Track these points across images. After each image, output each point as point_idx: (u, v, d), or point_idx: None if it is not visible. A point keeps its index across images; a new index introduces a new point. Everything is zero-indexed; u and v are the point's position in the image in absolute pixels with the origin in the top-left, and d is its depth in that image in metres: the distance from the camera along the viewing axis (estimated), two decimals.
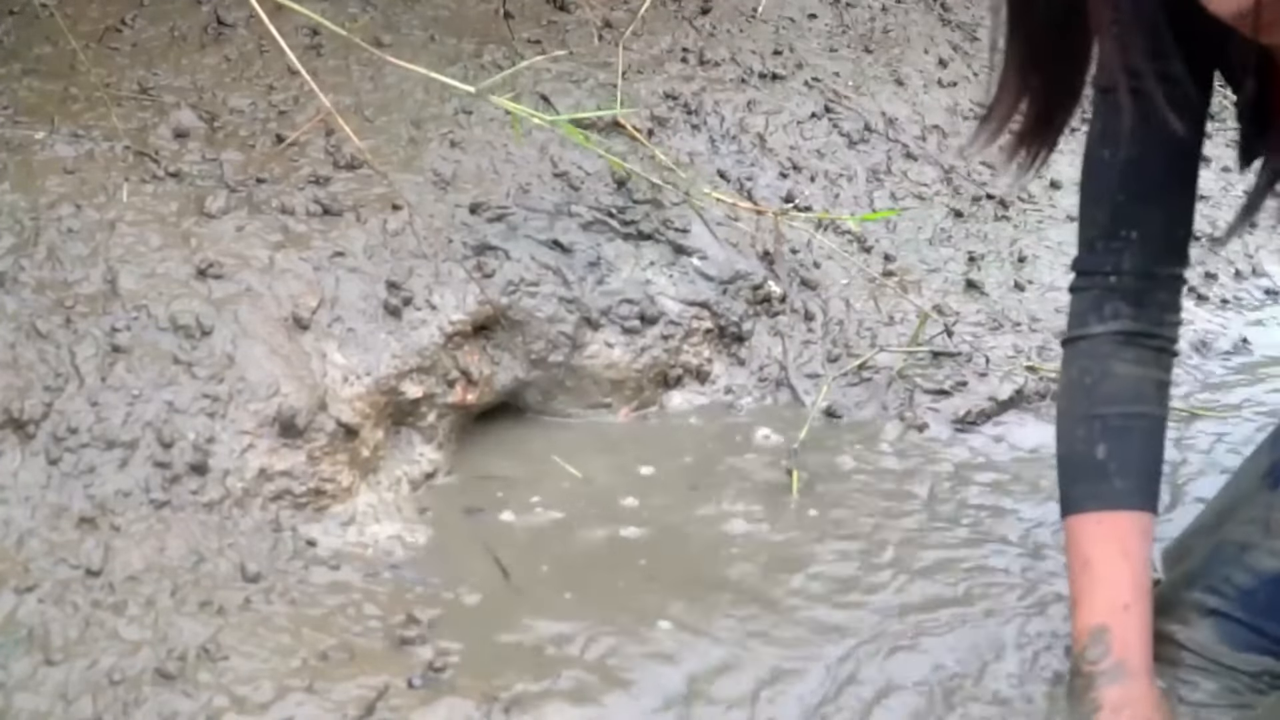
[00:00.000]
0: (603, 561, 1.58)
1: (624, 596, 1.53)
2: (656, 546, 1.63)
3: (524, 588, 1.52)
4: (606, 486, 1.73)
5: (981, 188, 2.48)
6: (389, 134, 1.92)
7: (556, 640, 1.42)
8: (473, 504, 1.65)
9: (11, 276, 1.48)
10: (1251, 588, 1.39)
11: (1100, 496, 1.32)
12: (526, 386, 1.79)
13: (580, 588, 1.53)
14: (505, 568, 1.53)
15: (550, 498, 1.69)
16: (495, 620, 1.44)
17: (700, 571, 1.61)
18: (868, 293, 2.12)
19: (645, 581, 1.56)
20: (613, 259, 1.90)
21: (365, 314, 1.61)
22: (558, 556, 1.58)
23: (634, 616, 1.49)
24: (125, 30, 2.04)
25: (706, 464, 1.79)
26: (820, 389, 1.93)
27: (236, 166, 1.75)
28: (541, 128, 2.05)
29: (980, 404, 1.96)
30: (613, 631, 1.46)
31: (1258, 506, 1.42)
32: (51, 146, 1.69)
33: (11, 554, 1.28)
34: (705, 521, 1.68)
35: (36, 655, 1.20)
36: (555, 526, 1.62)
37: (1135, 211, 1.34)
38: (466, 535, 1.60)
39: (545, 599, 1.50)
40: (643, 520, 1.67)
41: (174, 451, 1.41)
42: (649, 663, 1.41)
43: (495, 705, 1.24)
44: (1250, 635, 1.39)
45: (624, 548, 1.62)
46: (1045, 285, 2.27)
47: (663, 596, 1.54)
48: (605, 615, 1.49)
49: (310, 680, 1.23)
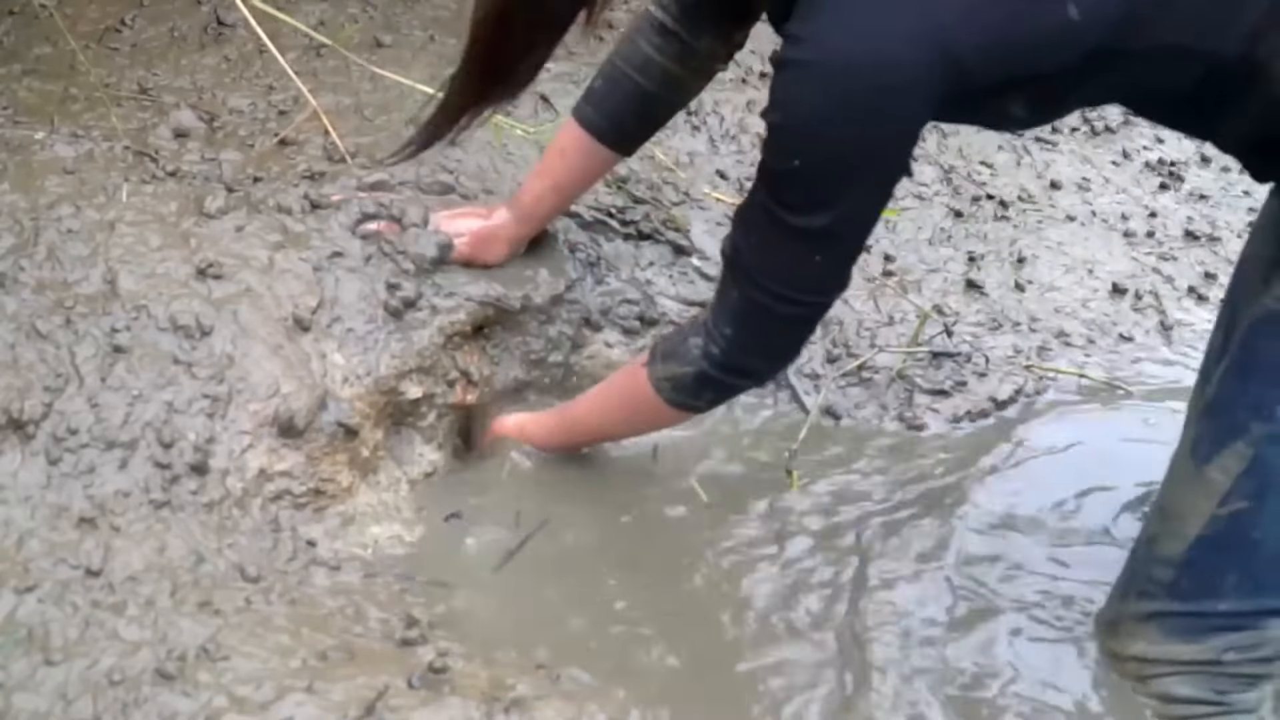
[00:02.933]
0: (602, 561, 1.58)
1: (624, 596, 1.53)
2: (657, 547, 1.63)
3: (524, 587, 1.52)
4: (604, 488, 1.72)
5: (981, 188, 2.48)
6: (389, 133, 1.92)
7: (557, 640, 1.42)
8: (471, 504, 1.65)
9: (11, 277, 1.48)
10: (1172, 578, 1.40)
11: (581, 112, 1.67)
12: (526, 386, 1.79)
13: (580, 587, 1.53)
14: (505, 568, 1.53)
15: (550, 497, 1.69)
16: (495, 620, 1.44)
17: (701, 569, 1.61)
18: (867, 293, 2.11)
19: (646, 581, 1.56)
20: (612, 259, 1.90)
21: (365, 314, 1.61)
22: (558, 556, 1.58)
23: (634, 616, 1.49)
24: (125, 30, 2.04)
25: (707, 464, 1.78)
26: (820, 389, 1.93)
27: (236, 166, 1.75)
28: (542, 128, 2.05)
29: (980, 404, 1.96)
30: (613, 631, 1.46)
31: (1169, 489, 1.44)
32: (51, 147, 1.69)
33: (11, 554, 1.28)
34: (705, 523, 1.68)
35: (36, 655, 1.20)
36: (554, 526, 1.62)
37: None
38: (466, 535, 1.60)
39: (545, 599, 1.50)
40: (643, 520, 1.67)
41: (174, 451, 1.41)
42: (650, 663, 1.41)
43: (495, 705, 1.24)
44: (1194, 621, 1.40)
45: (623, 547, 1.62)
46: (1045, 285, 2.27)
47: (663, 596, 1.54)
48: (606, 615, 1.49)
49: (310, 680, 1.23)
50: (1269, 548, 1.35)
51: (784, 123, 1.28)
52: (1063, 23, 1.21)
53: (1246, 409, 1.33)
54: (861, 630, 1.51)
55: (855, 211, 1.32)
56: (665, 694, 1.36)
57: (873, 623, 1.53)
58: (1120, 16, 1.22)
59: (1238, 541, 1.36)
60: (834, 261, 1.37)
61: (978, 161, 2.55)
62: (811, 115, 1.25)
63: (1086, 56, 1.24)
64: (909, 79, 1.22)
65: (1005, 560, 1.66)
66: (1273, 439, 1.31)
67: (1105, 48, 1.24)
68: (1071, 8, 1.20)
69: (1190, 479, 1.38)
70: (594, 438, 1.70)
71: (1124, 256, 2.41)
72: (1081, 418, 1.98)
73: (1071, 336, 2.16)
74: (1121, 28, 1.23)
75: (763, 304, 1.38)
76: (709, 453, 1.80)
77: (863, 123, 1.24)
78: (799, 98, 1.26)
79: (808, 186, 1.29)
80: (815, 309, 1.41)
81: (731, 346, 1.43)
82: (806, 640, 1.49)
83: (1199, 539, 1.37)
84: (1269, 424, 1.31)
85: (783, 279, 1.36)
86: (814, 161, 1.27)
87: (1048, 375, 2.05)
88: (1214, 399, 1.39)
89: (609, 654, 1.41)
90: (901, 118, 1.26)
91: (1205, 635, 1.39)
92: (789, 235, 1.32)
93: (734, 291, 1.41)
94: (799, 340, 1.47)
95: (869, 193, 1.32)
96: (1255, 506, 1.34)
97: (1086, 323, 2.21)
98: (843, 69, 1.22)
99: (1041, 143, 2.67)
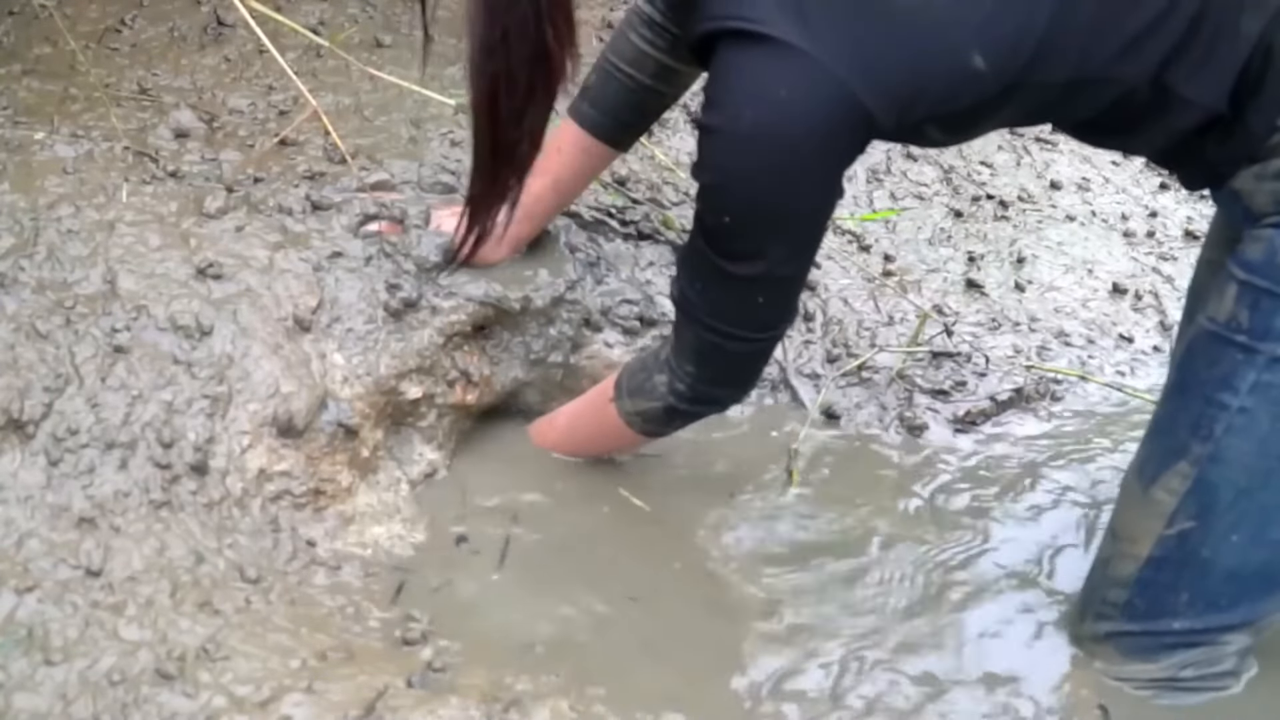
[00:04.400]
0: (601, 561, 1.58)
1: (624, 596, 1.53)
2: (657, 546, 1.64)
3: (524, 587, 1.52)
4: (605, 486, 1.73)
5: (981, 188, 2.48)
6: (389, 133, 1.92)
7: (557, 640, 1.42)
8: (471, 504, 1.66)
9: (11, 277, 1.48)
10: (1126, 599, 1.41)
11: (576, 109, 1.68)
12: (526, 387, 1.79)
13: (580, 587, 1.53)
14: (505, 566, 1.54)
15: (549, 497, 1.69)
16: (495, 620, 1.44)
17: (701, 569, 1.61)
18: (867, 293, 2.12)
19: (645, 581, 1.56)
20: (612, 259, 1.90)
21: (365, 314, 1.61)
22: (558, 556, 1.58)
23: (634, 616, 1.49)
24: (125, 30, 2.04)
25: (707, 464, 1.79)
26: (820, 389, 1.93)
27: (236, 166, 1.75)
28: None
29: (980, 404, 1.96)
30: (613, 630, 1.46)
31: (1120, 511, 1.45)
32: (51, 147, 1.69)
33: (11, 554, 1.28)
34: (705, 522, 1.68)
35: (36, 655, 1.20)
36: (553, 525, 1.62)
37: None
38: (466, 535, 1.60)
39: (545, 598, 1.50)
40: (642, 519, 1.67)
41: (174, 451, 1.41)
42: (649, 662, 1.41)
43: (495, 705, 1.24)
44: (1150, 640, 1.41)
45: (622, 547, 1.62)
46: (1045, 285, 2.27)
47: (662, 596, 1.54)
48: (606, 615, 1.49)
49: (310, 680, 1.23)
50: (1220, 565, 1.35)
51: (709, 182, 1.31)
52: (968, 71, 1.22)
53: (1187, 429, 1.33)
54: (861, 629, 1.52)
55: (789, 255, 1.35)
56: (665, 694, 1.36)
57: (872, 622, 1.53)
58: (1029, 57, 1.23)
59: (1188, 561, 1.36)
60: (776, 300, 1.41)
61: (978, 161, 2.55)
62: (731, 177, 1.28)
63: (999, 93, 1.25)
64: (820, 139, 1.24)
65: (1005, 560, 1.66)
66: (1213, 459, 1.31)
67: (1017, 83, 1.24)
68: (976, 58, 1.21)
69: (1138, 500, 1.39)
70: (574, 455, 1.75)
71: (1124, 256, 2.41)
72: (1081, 418, 1.98)
73: (1071, 336, 2.16)
74: (1031, 65, 1.23)
75: (716, 343, 1.43)
76: (709, 452, 1.80)
77: (781, 181, 1.27)
78: (718, 162, 1.29)
79: (739, 238, 1.33)
80: (766, 342, 1.46)
81: (695, 381, 1.49)
82: (807, 640, 1.49)
83: (1150, 559, 1.38)
84: (1208, 444, 1.31)
85: (730, 320, 1.41)
86: (741, 217, 1.31)
87: (1047, 375, 2.05)
88: (1157, 419, 1.40)
89: (609, 654, 1.41)
90: (818, 171, 1.28)
91: (1162, 653, 1.41)
92: (729, 281, 1.37)
93: (688, 333, 1.46)
94: (760, 367, 1.52)
95: (800, 237, 1.35)
96: (1201, 525, 1.34)
97: (1086, 323, 2.21)
98: (750, 136, 1.24)
99: (1041, 143, 2.67)
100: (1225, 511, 1.32)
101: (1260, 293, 1.26)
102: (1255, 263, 1.27)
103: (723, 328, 1.41)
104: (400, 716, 1.21)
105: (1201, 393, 1.32)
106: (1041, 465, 1.86)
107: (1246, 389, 1.28)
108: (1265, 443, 1.29)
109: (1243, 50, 1.22)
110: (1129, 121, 1.31)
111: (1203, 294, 1.39)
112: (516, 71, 1.25)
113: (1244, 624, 1.39)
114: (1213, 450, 1.31)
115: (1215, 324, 1.31)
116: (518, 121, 1.30)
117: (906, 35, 1.21)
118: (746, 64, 1.22)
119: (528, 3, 1.20)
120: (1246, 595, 1.37)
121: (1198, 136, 1.29)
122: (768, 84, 1.21)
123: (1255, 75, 1.23)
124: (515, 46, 1.22)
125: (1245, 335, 1.27)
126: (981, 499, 1.77)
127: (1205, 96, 1.25)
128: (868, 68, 1.20)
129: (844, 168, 1.31)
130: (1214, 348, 1.31)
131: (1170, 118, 1.28)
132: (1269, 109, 1.24)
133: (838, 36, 1.19)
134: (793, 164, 1.25)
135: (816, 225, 1.35)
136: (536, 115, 1.32)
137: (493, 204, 1.47)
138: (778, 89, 1.21)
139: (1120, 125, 1.33)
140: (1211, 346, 1.31)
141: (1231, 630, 1.39)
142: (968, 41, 1.21)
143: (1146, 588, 1.40)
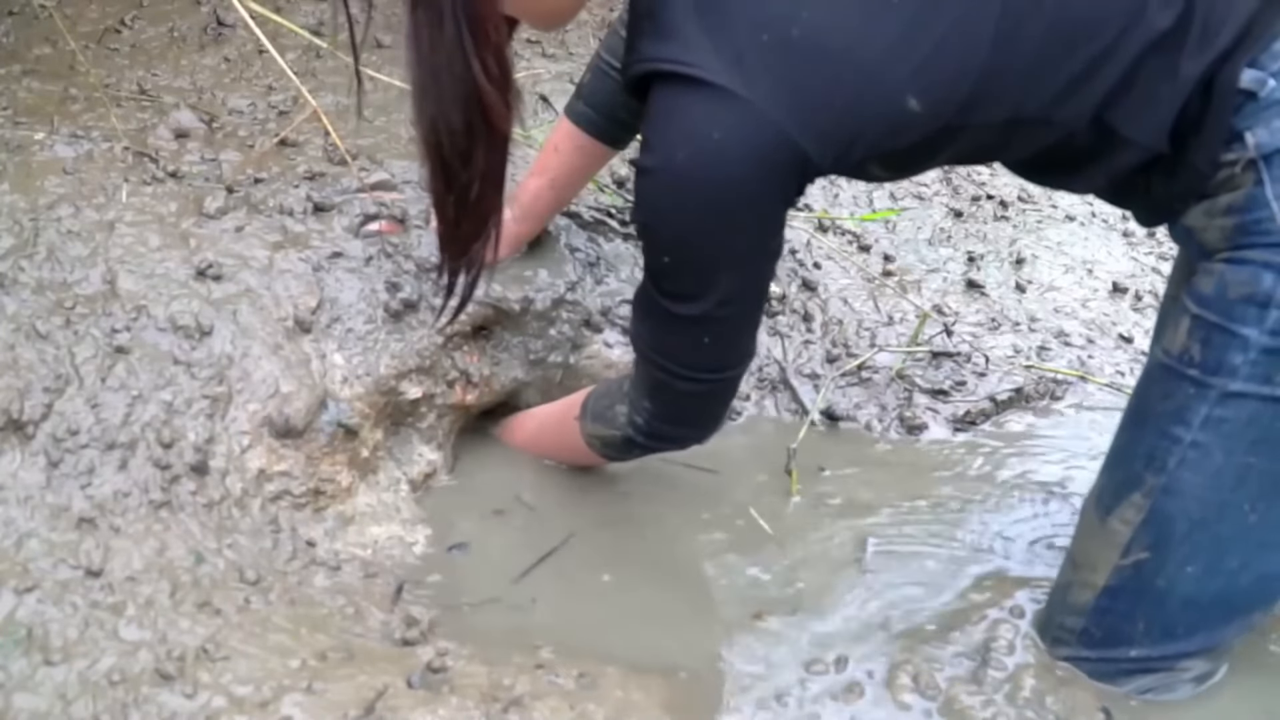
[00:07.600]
0: (601, 561, 1.58)
1: (623, 597, 1.53)
2: (656, 547, 1.64)
3: (524, 587, 1.52)
4: (603, 487, 1.73)
5: (981, 188, 2.48)
6: (389, 133, 1.92)
7: (557, 639, 1.42)
8: (470, 504, 1.66)
9: (11, 277, 1.48)
10: (1083, 626, 1.42)
11: (572, 108, 1.69)
12: (526, 387, 1.79)
13: (579, 586, 1.53)
14: (505, 566, 1.54)
15: (549, 496, 1.69)
16: (495, 620, 1.45)
17: (700, 570, 1.61)
18: (867, 293, 2.12)
19: (645, 581, 1.56)
20: (612, 259, 1.91)
21: (365, 314, 1.61)
22: (557, 555, 1.58)
23: (633, 616, 1.49)
24: (125, 31, 2.04)
25: (704, 464, 1.78)
26: (820, 389, 1.94)
27: (236, 167, 1.75)
28: (541, 128, 2.05)
29: (980, 404, 1.96)
30: (613, 630, 1.46)
31: (1078, 539, 1.45)
32: (51, 147, 1.69)
33: (11, 554, 1.28)
34: (703, 522, 1.69)
35: (36, 655, 1.20)
36: (553, 526, 1.62)
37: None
38: (466, 535, 1.60)
39: (545, 598, 1.50)
40: (641, 520, 1.67)
41: (174, 452, 1.41)
42: (649, 662, 1.41)
43: (495, 705, 1.24)
44: (1108, 666, 1.42)
45: (621, 547, 1.62)
46: (1045, 285, 2.27)
47: (662, 596, 1.54)
48: (605, 615, 1.49)
49: (309, 680, 1.23)
50: (1175, 595, 1.34)
51: (645, 221, 1.32)
52: (904, 114, 1.21)
53: (1141, 460, 1.33)
54: (861, 630, 1.52)
55: (732, 296, 1.34)
56: (665, 694, 1.36)
57: (871, 623, 1.53)
58: (966, 99, 1.22)
59: (1144, 591, 1.36)
60: (724, 341, 1.40)
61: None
62: (665, 218, 1.28)
63: (937, 133, 1.24)
64: (755, 182, 1.23)
65: (1005, 561, 1.66)
66: (1167, 490, 1.31)
67: (954, 125, 1.24)
68: (911, 100, 1.20)
69: (1096, 530, 1.39)
70: (541, 458, 1.76)
71: (1124, 256, 2.41)
72: (1081, 418, 1.98)
73: (1071, 336, 2.16)
74: (969, 107, 1.23)
75: (665, 381, 1.43)
76: (707, 452, 1.80)
77: (715, 223, 1.26)
78: (652, 203, 1.29)
79: (679, 278, 1.33)
80: (719, 384, 1.45)
81: (652, 419, 1.50)
82: (807, 641, 1.49)
83: (1106, 588, 1.38)
84: (1161, 476, 1.31)
85: (679, 360, 1.41)
86: (678, 257, 1.31)
87: (1047, 375, 2.05)
88: (1114, 449, 1.40)
89: (609, 654, 1.41)
90: (753, 212, 1.27)
91: (1120, 679, 1.41)
92: (673, 321, 1.37)
93: (642, 369, 1.47)
94: (717, 409, 1.51)
95: (742, 277, 1.34)
96: (1156, 556, 1.34)
97: (1086, 323, 2.21)
98: (684, 177, 1.23)
99: None
100: (1180, 543, 1.32)
101: (1211, 327, 1.25)
102: (1207, 296, 1.26)
103: (671, 367, 1.41)
104: (400, 716, 1.21)
105: (1156, 425, 1.31)
106: (1041, 465, 1.86)
107: (1199, 423, 1.27)
108: (1218, 476, 1.28)
109: (1183, 90, 1.21)
110: (1071, 160, 1.31)
111: (1161, 326, 1.39)
112: (450, 112, 1.22)
113: (1201, 651, 1.39)
114: (1166, 482, 1.31)
115: (1169, 357, 1.30)
116: (464, 163, 1.27)
117: (842, 78, 1.20)
118: (680, 107, 1.22)
119: (453, 43, 1.17)
120: (1204, 624, 1.37)
121: (1142, 174, 1.29)
122: (701, 127, 1.21)
123: (1195, 114, 1.22)
124: (447, 87, 1.20)
125: (1197, 370, 1.27)
126: (981, 499, 1.77)
127: (1145, 136, 1.24)
128: (803, 111, 1.20)
129: (783, 208, 1.30)
130: (1168, 381, 1.30)
131: (1112, 156, 1.27)
132: (1211, 145, 1.23)
133: (773, 80, 1.19)
134: (726, 205, 1.25)
135: (756, 266, 1.35)
136: (487, 157, 1.28)
137: (465, 244, 1.43)
138: (710, 132, 1.20)
139: (1063, 164, 1.32)
140: (1165, 379, 1.31)
141: (1189, 657, 1.39)
142: (903, 84, 1.20)
143: (1103, 616, 1.40)
